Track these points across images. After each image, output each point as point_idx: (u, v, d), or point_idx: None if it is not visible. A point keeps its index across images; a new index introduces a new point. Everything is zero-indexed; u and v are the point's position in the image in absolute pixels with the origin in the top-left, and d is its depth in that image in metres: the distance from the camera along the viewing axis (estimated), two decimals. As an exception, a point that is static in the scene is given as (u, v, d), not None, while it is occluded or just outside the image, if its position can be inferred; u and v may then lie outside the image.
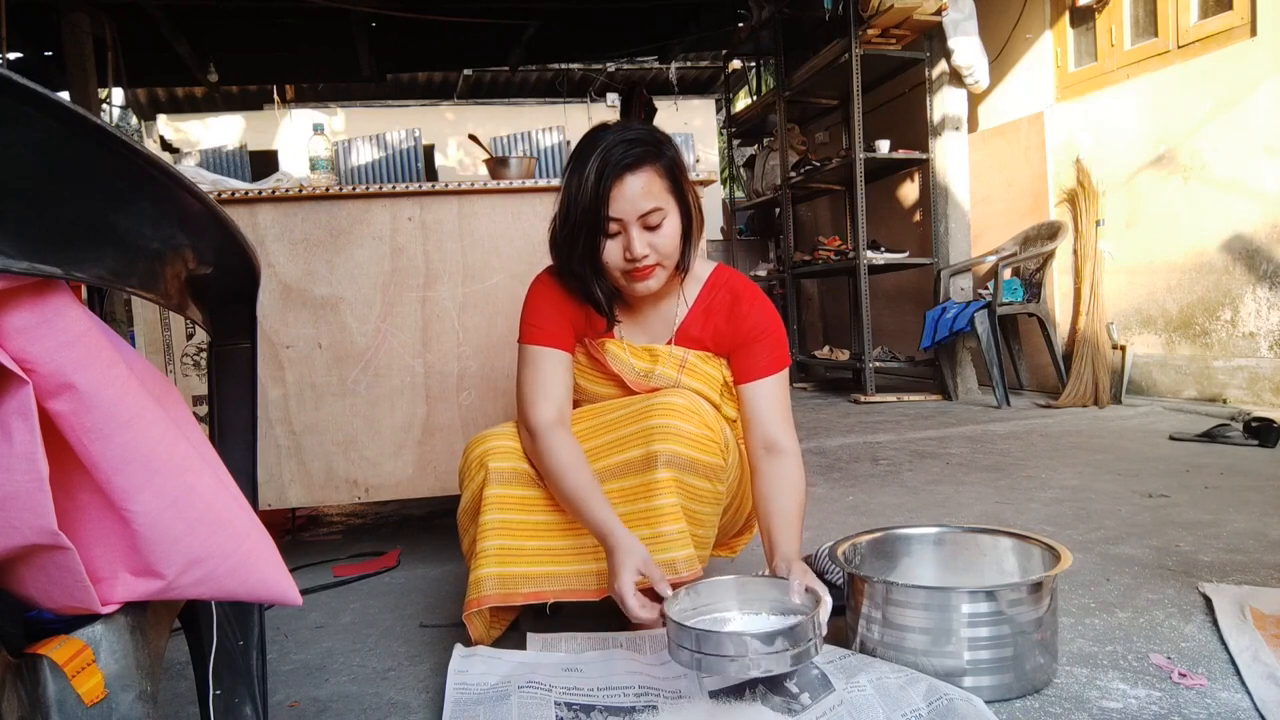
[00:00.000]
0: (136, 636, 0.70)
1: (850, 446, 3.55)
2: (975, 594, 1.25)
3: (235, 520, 0.70)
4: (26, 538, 0.61)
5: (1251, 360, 3.90)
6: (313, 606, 1.87)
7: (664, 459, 1.37)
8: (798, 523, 1.38)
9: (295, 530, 2.66)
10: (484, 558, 1.39)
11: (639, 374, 1.51)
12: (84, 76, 4.70)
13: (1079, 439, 3.43)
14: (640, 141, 1.37)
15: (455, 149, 10.90)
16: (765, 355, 1.48)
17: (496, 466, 1.44)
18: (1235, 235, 3.93)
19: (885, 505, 2.50)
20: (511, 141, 7.69)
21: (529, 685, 1.26)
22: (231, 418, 1.04)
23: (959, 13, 4.82)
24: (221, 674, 0.98)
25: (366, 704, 1.36)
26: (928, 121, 5.23)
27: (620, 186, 1.34)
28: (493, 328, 2.09)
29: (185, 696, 1.38)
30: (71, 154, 0.59)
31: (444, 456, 2.09)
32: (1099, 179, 4.59)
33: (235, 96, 10.30)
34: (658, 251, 1.38)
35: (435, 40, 6.15)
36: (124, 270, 0.69)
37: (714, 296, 1.53)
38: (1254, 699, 1.19)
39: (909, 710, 1.17)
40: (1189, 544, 1.95)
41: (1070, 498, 2.46)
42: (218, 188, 2.05)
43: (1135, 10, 4.53)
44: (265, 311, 1.99)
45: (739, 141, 8.27)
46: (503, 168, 2.24)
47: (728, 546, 1.69)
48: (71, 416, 0.61)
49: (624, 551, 1.26)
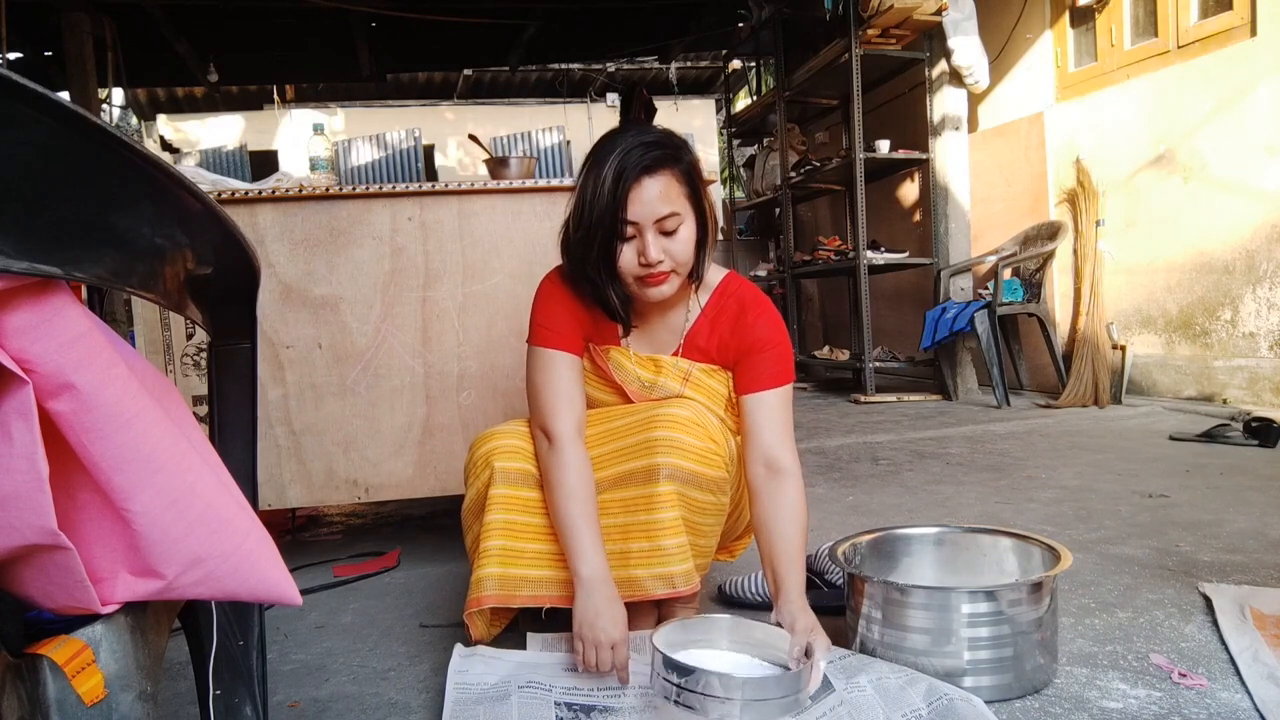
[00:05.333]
0: (136, 636, 0.70)
1: (850, 446, 3.55)
2: (975, 594, 1.25)
3: (235, 520, 0.70)
4: (27, 538, 0.61)
5: (1251, 360, 3.90)
6: (313, 606, 1.86)
7: (666, 472, 1.36)
8: (801, 554, 1.36)
9: (295, 530, 2.66)
10: (486, 557, 1.39)
11: (642, 384, 1.50)
12: (84, 76, 4.70)
13: (1079, 439, 3.43)
14: (659, 145, 1.34)
15: (455, 149, 10.89)
16: (768, 367, 1.45)
17: (503, 466, 1.43)
18: (1235, 235, 3.93)
19: (885, 505, 2.50)
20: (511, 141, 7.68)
21: (529, 685, 1.26)
22: (231, 418, 1.04)
23: (959, 13, 4.82)
24: (221, 674, 0.98)
25: (366, 704, 1.36)
26: (928, 121, 5.23)
27: (638, 189, 1.32)
28: (493, 328, 2.09)
29: (185, 696, 1.38)
30: (71, 154, 0.59)
31: (444, 457, 2.09)
32: (1099, 179, 4.59)
33: (235, 96, 10.29)
34: (673, 258, 1.36)
35: (435, 40, 6.15)
36: (124, 270, 0.69)
37: (722, 305, 1.50)
38: (1254, 699, 1.19)
39: (909, 710, 1.17)
40: (1189, 544, 1.95)
41: (1070, 498, 2.46)
42: (218, 188, 2.05)
43: (1135, 10, 4.53)
44: (265, 311, 1.99)
45: (739, 141, 8.27)
46: (503, 168, 2.23)
47: (727, 550, 1.69)
48: (71, 416, 0.61)
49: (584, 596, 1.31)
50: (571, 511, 1.35)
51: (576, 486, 1.37)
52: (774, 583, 1.35)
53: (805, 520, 1.39)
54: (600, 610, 1.28)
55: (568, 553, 1.35)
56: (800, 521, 1.37)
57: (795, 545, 1.35)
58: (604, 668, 1.26)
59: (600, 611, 1.28)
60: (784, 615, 1.29)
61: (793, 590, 1.31)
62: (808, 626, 1.25)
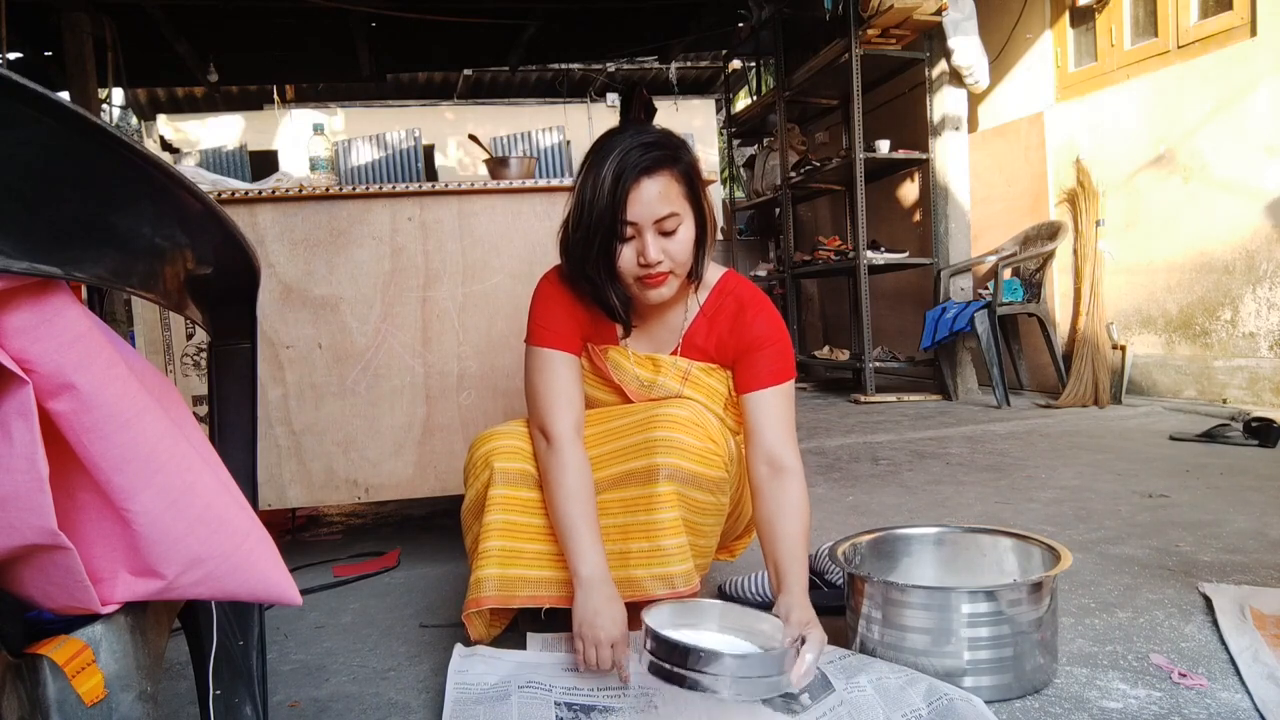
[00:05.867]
0: (136, 636, 0.70)
1: (850, 446, 3.55)
2: (975, 594, 1.25)
3: (235, 520, 0.70)
4: (26, 538, 0.61)
5: (1251, 360, 3.90)
6: (313, 606, 1.86)
7: (665, 473, 1.36)
8: (804, 551, 1.36)
9: (295, 530, 2.66)
10: (486, 557, 1.39)
11: (641, 384, 1.50)
12: (84, 76, 4.70)
13: (1079, 439, 3.43)
14: (658, 145, 1.34)
15: (455, 149, 10.89)
16: (768, 365, 1.45)
17: (502, 466, 1.43)
18: (1235, 235, 3.93)
19: (885, 505, 2.50)
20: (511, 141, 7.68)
21: (529, 685, 1.26)
22: (231, 418, 1.04)
23: (959, 13, 4.82)
24: (221, 674, 0.98)
25: (366, 704, 1.36)
26: (928, 121, 5.23)
27: (637, 190, 1.32)
28: (493, 328, 2.09)
29: (185, 696, 1.38)
30: (71, 154, 0.58)
31: (444, 457, 2.09)
32: (1099, 179, 4.59)
33: (235, 96, 10.30)
34: (672, 258, 1.36)
35: (435, 40, 6.15)
36: (124, 270, 0.69)
37: (721, 303, 1.50)
38: (1254, 699, 1.19)
39: (909, 710, 1.17)
40: (1189, 544, 1.95)
41: (1070, 498, 2.46)
42: (218, 188, 2.05)
43: (1135, 10, 4.53)
44: (265, 311, 1.99)
45: (739, 141, 8.27)
46: (503, 168, 2.23)
47: (728, 550, 1.69)
48: (71, 416, 0.61)
49: (583, 595, 1.31)
50: (570, 511, 1.35)
51: (575, 486, 1.37)
52: (776, 578, 1.35)
53: (808, 517, 1.39)
54: (599, 609, 1.28)
55: (567, 552, 1.35)
56: (803, 518, 1.38)
57: (798, 542, 1.35)
58: (604, 666, 1.26)
59: (600, 610, 1.28)
60: (782, 608, 1.29)
61: (794, 585, 1.31)
62: (802, 620, 1.25)
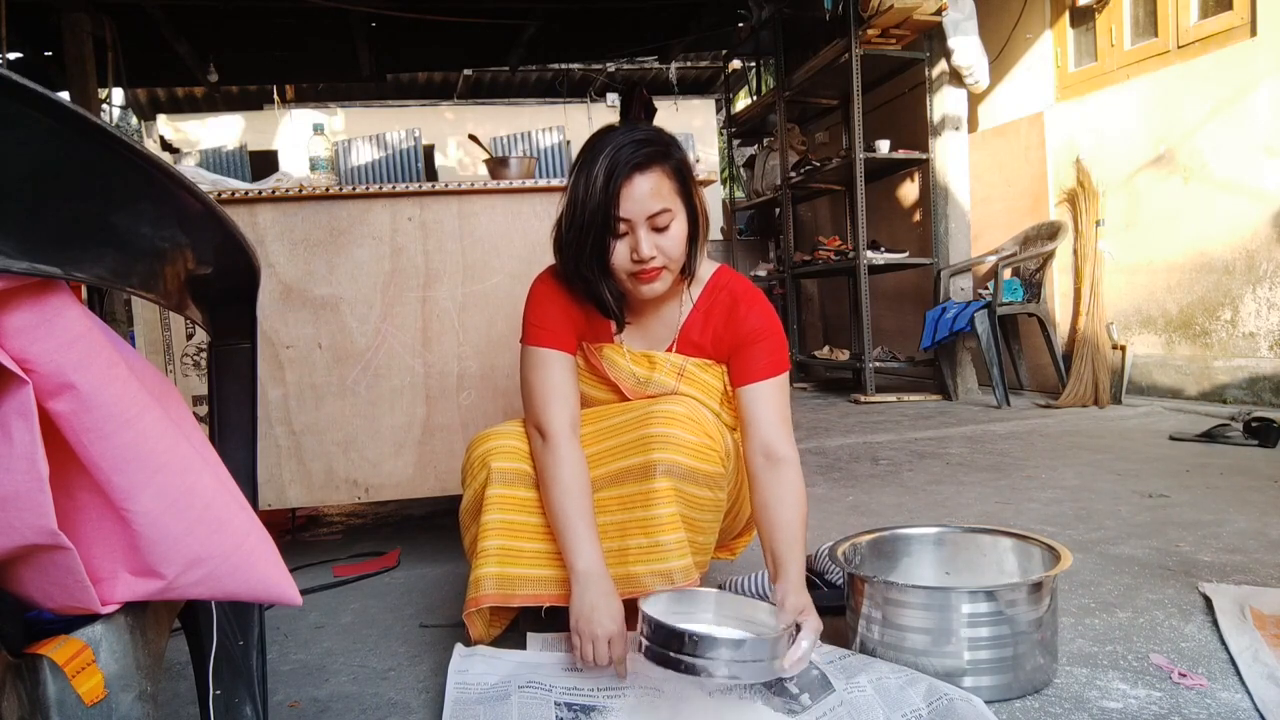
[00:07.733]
0: (136, 636, 0.70)
1: (850, 446, 3.55)
2: (975, 594, 1.25)
3: (235, 520, 0.70)
4: (26, 538, 0.61)
5: (1251, 360, 3.90)
6: (313, 606, 1.86)
7: (663, 468, 1.36)
8: (801, 538, 1.36)
9: (295, 530, 2.66)
10: (485, 557, 1.39)
11: (637, 381, 1.50)
12: (84, 76, 4.70)
13: (1079, 439, 3.43)
14: (649, 142, 1.35)
15: (455, 149, 10.89)
16: (763, 357, 1.46)
17: (499, 466, 1.43)
18: (1235, 235, 3.93)
19: (885, 505, 2.50)
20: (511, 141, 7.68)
21: (529, 685, 1.26)
22: (231, 418, 1.04)
23: (959, 13, 4.82)
24: (221, 674, 0.98)
25: (366, 704, 1.36)
26: (928, 121, 5.22)
27: (629, 186, 1.33)
28: (493, 328, 2.09)
29: (185, 696, 1.38)
30: (72, 154, 0.58)
31: (444, 456, 2.09)
32: (1099, 179, 4.59)
33: (235, 96, 10.30)
34: (664, 254, 1.37)
35: (435, 40, 6.14)
36: (124, 270, 0.69)
37: (715, 298, 1.51)
38: (1254, 699, 1.19)
39: (909, 710, 1.17)
40: (1189, 544, 1.95)
41: (1070, 498, 2.46)
42: (218, 188, 2.05)
43: (1135, 10, 4.53)
44: (265, 311, 1.99)
45: (739, 141, 8.26)
46: (503, 168, 2.23)
47: (728, 548, 1.69)
48: (71, 416, 0.61)
49: (580, 590, 1.31)
50: (567, 507, 1.36)
51: (571, 482, 1.37)
52: (774, 566, 1.36)
53: (805, 506, 1.39)
54: (596, 604, 1.28)
55: (563, 548, 1.35)
56: (800, 507, 1.38)
57: (795, 530, 1.36)
58: (601, 661, 1.26)
59: (597, 605, 1.28)
60: (778, 595, 1.30)
61: (791, 572, 1.32)
62: (798, 606, 1.25)
